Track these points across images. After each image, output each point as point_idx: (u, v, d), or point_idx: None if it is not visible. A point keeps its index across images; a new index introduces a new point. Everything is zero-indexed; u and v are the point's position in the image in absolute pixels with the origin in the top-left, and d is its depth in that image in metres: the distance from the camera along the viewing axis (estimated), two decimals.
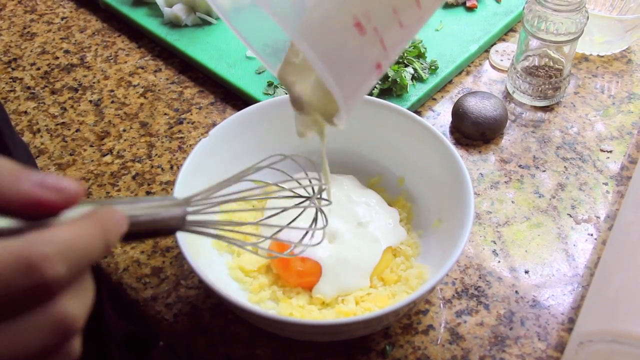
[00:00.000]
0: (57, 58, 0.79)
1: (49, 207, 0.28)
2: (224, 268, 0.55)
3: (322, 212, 0.48)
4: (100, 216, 0.29)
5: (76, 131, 0.70)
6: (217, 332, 0.53)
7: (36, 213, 0.28)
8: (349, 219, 0.55)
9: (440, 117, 0.71)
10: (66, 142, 0.69)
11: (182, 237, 0.48)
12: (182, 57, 0.77)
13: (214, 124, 0.66)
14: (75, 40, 0.82)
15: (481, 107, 0.67)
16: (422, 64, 0.72)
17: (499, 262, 0.57)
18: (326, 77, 0.32)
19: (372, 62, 0.35)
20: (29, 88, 0.76)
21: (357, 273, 0.53)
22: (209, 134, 0.56)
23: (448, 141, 0.55)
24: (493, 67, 0.77)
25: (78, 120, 0.71)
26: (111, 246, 0.30)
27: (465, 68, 0.76)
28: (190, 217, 0.36)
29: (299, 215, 0.48)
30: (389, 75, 0.69)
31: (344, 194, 0.57)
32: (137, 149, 0.68)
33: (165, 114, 0.72)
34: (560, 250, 0.58)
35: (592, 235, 0.60)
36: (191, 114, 0.72)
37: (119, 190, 0.64)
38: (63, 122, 0.71)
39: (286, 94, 0.46)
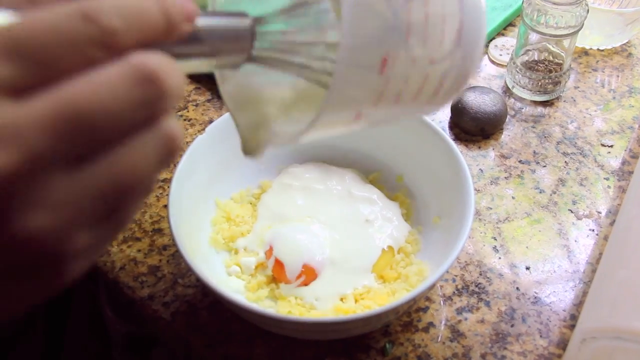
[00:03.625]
0: None
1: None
2: (221, 266, 0.54)
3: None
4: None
5: None
6: (214, 331, 0.52)
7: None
8: (351, 215, 0.55)
9: (439, 112, 0.70)
10: None
11: (178, 234, 0.47)
12: None
13: (210, 121, 0.65)
14: None
15: (480, 102, 0.66)
16: None
17: (500, 258, 0.57)
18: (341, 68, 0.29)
19: (360, 105, 0.31)
20: None
21: (357, 271, 0.52)
22: (205, 131, 0.56)
23: (448, 137, 0.54)
24: (492, 61, 0.76)
25: None
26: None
27: None
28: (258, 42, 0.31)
29: None
30: None
31: (345, 188, 0.57)
32: None
33: None
34: (561, 246, 0.58)
35: (593, 230, 0.59)
36: (188, 111, 0.71)
37: None
38: None
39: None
